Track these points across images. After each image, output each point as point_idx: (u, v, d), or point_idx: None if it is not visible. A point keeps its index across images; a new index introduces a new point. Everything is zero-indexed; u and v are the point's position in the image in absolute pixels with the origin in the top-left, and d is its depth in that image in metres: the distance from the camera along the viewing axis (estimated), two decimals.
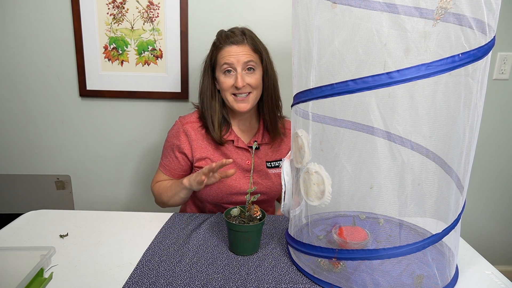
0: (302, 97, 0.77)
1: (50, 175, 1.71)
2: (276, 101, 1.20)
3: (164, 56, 1.55)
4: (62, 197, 1.73)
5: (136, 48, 1.54)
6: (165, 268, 0.81)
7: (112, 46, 1.54)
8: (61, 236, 0.96)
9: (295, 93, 0.82)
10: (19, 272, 0.74)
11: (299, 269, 0.82)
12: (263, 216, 0.90)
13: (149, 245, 0.91)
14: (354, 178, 0.76)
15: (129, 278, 0.77)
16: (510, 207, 1.85)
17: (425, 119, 0.69)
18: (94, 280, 0.78)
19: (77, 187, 1.73)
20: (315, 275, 0.78)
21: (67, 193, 1.73)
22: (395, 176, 0.72)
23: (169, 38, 1.53)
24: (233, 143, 1.18)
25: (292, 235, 0.87)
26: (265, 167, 1.20)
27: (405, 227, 0.82)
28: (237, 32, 1.11)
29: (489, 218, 1.86)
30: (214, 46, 1.14)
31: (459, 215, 0.75)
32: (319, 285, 0.77)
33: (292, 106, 0.84)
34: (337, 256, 0.75)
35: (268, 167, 1.20)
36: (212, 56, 1.14)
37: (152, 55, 1.55)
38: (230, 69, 1.10)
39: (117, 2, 1.49)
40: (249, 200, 0.91)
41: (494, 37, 0.65)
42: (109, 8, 1.50)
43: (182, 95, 1.60)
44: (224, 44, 1.10)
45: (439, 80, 0.64)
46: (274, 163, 1.21)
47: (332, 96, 0.70)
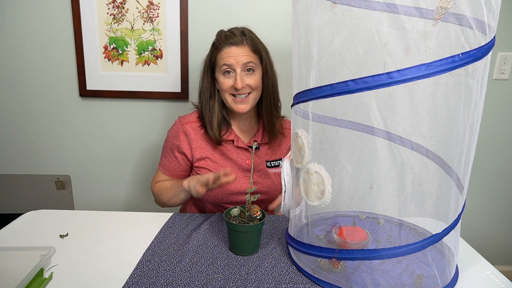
0: (302, 97, 0.77)
1: (50, 175, 1.71)
2: (275, 102, 1.19)
3: (164, 56, 1.55)
4: (62, 197, 1.73)
5: (136, 48, 1.54)
6: (165, 268, 0.81)
7: (112, 46, 1.54)
8: (61, 236, 0.96)
9: (295, 93, 0.82)
10: (19, 272, 0.74)
11: (299, 269, 0.82)
12: (263, 216, 0.90)
13: (149, 245, 0.91)
14: (354, 178, 0.76)
15: (129, 278, 0.77)
16: (510, 207, 1.85)
17: (425, 119, 0.69)
18: (94, 280, 0.78)
19: (77, 187, 1.73)
20: (315, 275, 0.78)
21: (67, 193, 1.73)
22: (395, 176, 0.72)
23: (169, 38, 1.53)
24: (233, 143, 1.18)
25: (292, 235, 0.87)
26: (265, 167, 1.20)
27: (405, 227, 0.82)
28: (237, 33, 1.10)
29: (489, 218, 1.86)
30: (213, 46, 1.13)
31: (459, 215, 0.75)
32: (319, 285, 0.77)
33: (292, 106, 0.84)
34: (337, 256, 0.74)
35: (268, 167, 1.20)
36: (211, 56, 1.14)
37: (152, 55, 1.55)
38: (229, 70, 1.10)
39: (117, 2, 1.49)
40: (249, 200, 0.91)
41: (494, 37, 0.65)
42: (109, 8, 1.50)
43: (182, 95, 1.60)
44: (224, 45, 1.09)
45: (439, 80, 0.64)
46: (274, 162, 1.21)
47: (332, 96, 0.70)
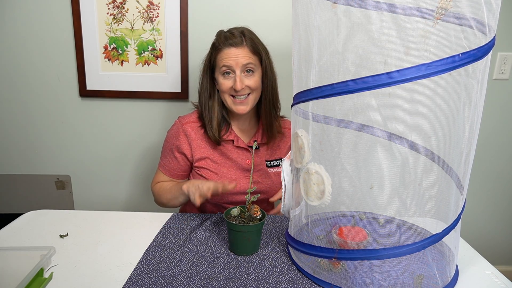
0: (302, 97, 0.77)
1: (50, 175, 1.71)
2: (274, 102, 1.18)
3: (164, 56, 1.55)
4: (62, 197, 1.73)
5: (136, 48, 1.54)
6: (165, 268, 0.81)
7: (112, 46, 1.54)
8: (61, 236, 0.96)
9: (295, 93, 0.82)
10: (19, 272, 0.74)
11: (299, 269, 0.82)
12: (263, 216, 0.90)
13: (149, 245, 0.91)
14: (354, 178, 0.76)
15: (129, 278, 0.77)
16: (510, 207, 1.85)
17: (425, 119, 0.69)
18: (94, 280, 0.78)
19: (77, 187, 1.73)
20: (315, 275, 0.78)
21: (67, 193, 1.73)
22: (395, 176, 0.72)
23: (169, 38, 1.53)
24: (233, 143, 1.18)
25: (292, 235, 0.87)
26: (265, 166, 1.20)
27: (405, 227, 0.82)
28: (236, 34, 1.09)
29: (489, 218, 1.86)
30: (213, 47, 1.12)
31: (459, 215, 0.75)
32: (319, 285, 0.77)
33: (292, 106, 0.84)
34: (337, 256, 0.74)
35: (268, 166, 1.20)
36: (211, 57, 1.13)
37: (152, 55, 1.55)
38: (229, 71, 1.09)
39: (117, 2, 1.49)
40: (249, 200, 0.91)
41: (494, 37, 0.65)
42: (109, 8, 1.50)
43: (182, 95, 1.60)
44: (223, 46, 1.08)
45: (439, 80, 0.64)
46: (274, 162, 1.21)
47: (332, 96, 0.70)
